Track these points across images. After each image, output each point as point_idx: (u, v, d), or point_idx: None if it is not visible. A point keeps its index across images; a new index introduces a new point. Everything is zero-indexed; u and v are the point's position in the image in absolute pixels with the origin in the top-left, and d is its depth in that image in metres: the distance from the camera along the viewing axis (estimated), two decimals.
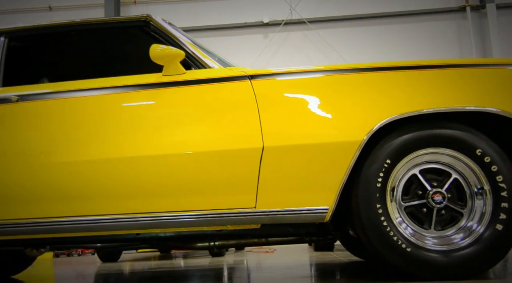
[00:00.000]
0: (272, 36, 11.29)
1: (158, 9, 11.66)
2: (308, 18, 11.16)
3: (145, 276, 3.42)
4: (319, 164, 2.14)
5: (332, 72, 2.25)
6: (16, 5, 11.89)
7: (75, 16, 11.40)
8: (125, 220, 2.26)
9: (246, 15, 11.37)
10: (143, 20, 2.60)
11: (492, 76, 2.20)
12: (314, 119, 2.17)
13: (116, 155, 2.24)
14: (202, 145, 2.20)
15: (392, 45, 10.99)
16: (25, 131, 2.32)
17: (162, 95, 2.31)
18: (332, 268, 3.27)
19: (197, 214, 2.21)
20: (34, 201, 2.29)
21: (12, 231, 2.32)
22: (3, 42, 2.61)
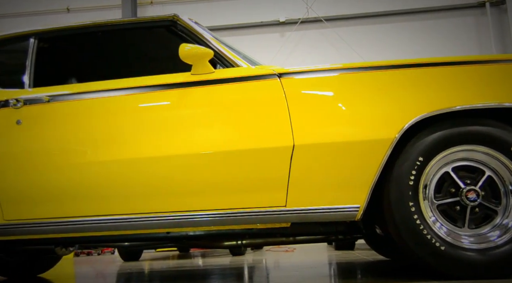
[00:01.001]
0: (289, 35, 11.26)
1: (174, 9, 11.69)
2: (324, 16, 11.11)
3: (171, 275, 3.44)
4: (351, 162, 2.13)
5: (363, 70, 2.23)
6: (34, 7, 12.02)
7: (92, 18, 11.53)
8: (156, 219, 2.27)
9: (262, 14, 11.35)
10: (170, 20, 2.61)
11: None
12: (345, 117, 2.15)
13: (146, 154, 2.26)
14: (232, 143, 2.20)
15: (410, 43, 10.88)
16: (56, 131, 2.35)
17: (191, 94, 2.32)
18: (358, 267, 3.25)
19: (227, 212, 2.22)
20: (64, 200, 2.32)
21: (42, 230, 2.35)
22: (33, 43, 2.64)
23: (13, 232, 2.35)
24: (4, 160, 2.33)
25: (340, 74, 2.25)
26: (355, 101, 2.17)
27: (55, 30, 2.67)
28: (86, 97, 2.39)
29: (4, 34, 2.70)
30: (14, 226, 2.34)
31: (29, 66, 2.57)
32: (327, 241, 2.69)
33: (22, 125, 2.36)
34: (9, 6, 12.05)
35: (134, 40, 2.88)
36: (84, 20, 2.71)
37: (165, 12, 11.69)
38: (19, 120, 2.37)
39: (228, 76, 2.32)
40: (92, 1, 11.96)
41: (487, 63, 2.20)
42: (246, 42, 11.20)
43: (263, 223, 2.25)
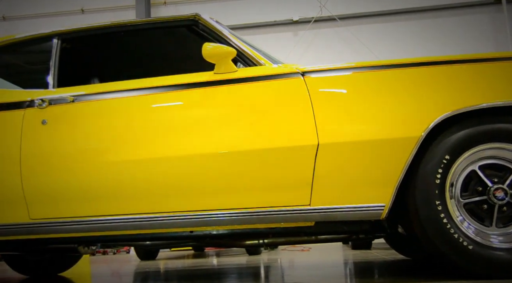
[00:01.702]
0: (302, 34, 11.25)
1: (187, 9, 11.73)
2: (338, 15, 11.07)
3: (191, 274, 3.45)
4: (376, 161, 2.12)
5: (387, 67, 2.22)
6: (49, 9, 12.15)
7: (107, 18, 11.61)
8: (179, 218, 2.28)
9: (275, 13, 11.35)
10: (192, 19, 2.62)
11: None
12: (370, 115, 2.14)
13: (169, 153, 2.26)
14: (257, 142, 2.20)
15: (424, 41, 10.80)
16: (80, 131, 2.36)
17: (214, 93, 2.32)
18: (379, 266, 3.24)
19: (252, 211, 2.21)
20: (88, 199, 2.33)
21: (66, 229, 2.36)
22: (56, 44, 2.66)
23: (39, 230, 2.38)
24: (30, 159, 2.35)
25: (364, 72, 2.23)
26: (380, 99, 2.16)
27: (78, 30, 2.69)
28: (110, 97, 2.40)
29: (27, 35, 2.72)
30: (40, 225, 2.36)
31: (53, 67, 2.59)
32: (349, 240, 2.68)
33: (47, 125, 2.38)
34: (25, 8, 12.19)
35: (155, 40, 2.89)
36: (106, 21, 2.72)
37: (179, 12, 11.74)
38: (45, 120, 2.39)
39: (252, 75, 2.32)
40: (106, 1, 12.06)
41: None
42: (259, 42, 11.16)
43: (287, 222, 2.24)
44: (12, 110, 2.44)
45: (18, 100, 2.48)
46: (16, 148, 2.36)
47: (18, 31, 10.33)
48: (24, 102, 2.47)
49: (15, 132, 2.38)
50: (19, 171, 2.34)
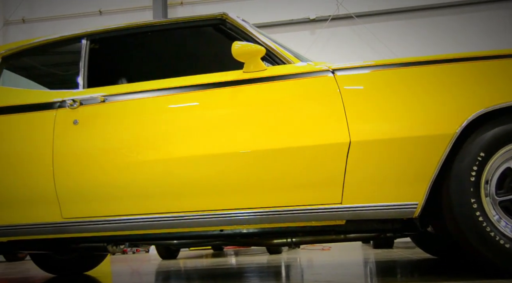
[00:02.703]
0: (319, 32, 11.21)
1: (204, 9, 11.77)
2: (355, 13, 11.01)
3: (215, 273, 3.46)
4: (409, 158, 2.09)
5: (419, 64, 2.19)
6: (68, 11, 12.28)
7: (124, 19, 11.70)
8: (209, 217, 2.28)
9: (292, 12, 11.32)
10: (219, 18, 2.62)
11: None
12: (403, 112, 2.12)
13: (200, 152, 2.27)
14: (287, 140, 2.19)
15: (443, 38, 10.69)
16: (111, 131, 2.38)
17: (244, 92, 2.32)
18: (407, 265, 3.21)
19: (282, 210, 2.21)
20: (119, 198, 2.35)
21: (98, 228, 2.38)
22: (85, 45, 2.68)
23: (71, 229, 2.40)
24: (62, 159, 2.37)
25: (396, 69, 2.21)
26: (412, 96, 2.13)
27: (106, 31, 2.71)
28: (139, 96, 2.42)
29: (57, 36, 2.75)
30: (72, 224, 2.39)
31: (83, 67, 2.62)
32: (377, 239, 2.66)
33: (79, 125, 2.40)
34: (43, 11, 12.34)
35: (182, 40, 2.90)
36: (131, 21, 2.74)
37: (195, 12, 11.78)
38: (76, 120, 2.41)
39: (282, 73, 2.31)
40: (124, 3, 12.15)
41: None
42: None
43: (319, 220, 2.23)
44: (44, 111, 2.47)
45: (50, 101, 2.50)
46: (49, 148, 2.39)
47: (37, 33, 10.46)
48: (56, 102, 2.49)
49: (47, 133, 2.41)
50: (52, 171, 2.37)
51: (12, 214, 2.40)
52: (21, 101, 2.53)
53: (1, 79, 2.73)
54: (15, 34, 12.34)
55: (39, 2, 12.44)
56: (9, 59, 2.78)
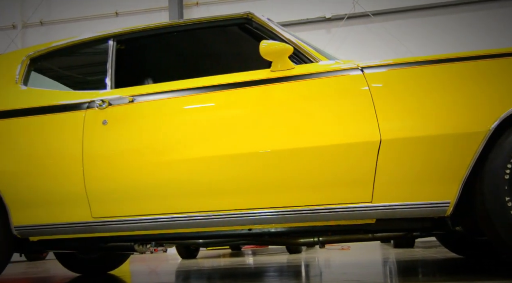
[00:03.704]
0: (335, 31, 11.16)
1: (219, 10, 11.79)
2: (372, 11, 10.94)
3: (239, 272, 3.46)
4: (441, 156, 2.07)
5: (450, 61, 2.16)
6: (84, 13, 12.40)
7: (141, 20, 11.77)
8: (238, 216, 2.28)
9: (308, 11, 11.29)
10: (245, 17, 2.62)
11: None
12: (434, 109, 2.09)
13: (229, 152, 2.27)
14: (317, 139, 2.18)
15: (461, 35, 10.56)
16: (140, 131, 2.39)
17: (272, 91, 2.31)
18: (434, 265, 3.17)
19: (311, 209, 2.20)
20: (148, 198, 2.36)
21: (127, 227, 2.39)
22: (112, 45, 2.70)
23: (100, 229, 2.42)
24: (92, 159, 2.39)
25: (426, 66, 2.19)
26: (444, 93, 2.11)
27: (132, 31, 2.73)
28: (168, 96, 2.43)
29: (84, 37, 2.77)
30: (101, 223, 2.40)
31: (110, 68, 2.63)
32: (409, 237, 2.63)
33: (108, 126, 2.42)
34: (61, 13, 12.47)
35: (207, 39, 2.90)
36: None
37: (210, 12, 11.82)
38: (105, 121, 2.43)
39: (310, 72, 2.30)
40: (140, 4, 12.23)
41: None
42: None
43: (348, 219, 2.22)
44: (73, 111, 2.49)
45: (79, 102, 2.52)
46: (78, 148, 2.41)
47: (54, 35, 10.53)
48: (84, 103, 2.51)
49: (77, 133, 2.43)
50: (82, 171, 2.39)
51: (43, 213, 2.43)
52: (50, 102, 2.56)
53: (29, 80, 2.75)
54: (33, 36, 12.50)
55: (56, 5, 12.57)
56: (37, 60, 2.82)
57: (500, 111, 2.02)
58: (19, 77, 2.72)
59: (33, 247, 2.63)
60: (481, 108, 2.05)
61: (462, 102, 2.08)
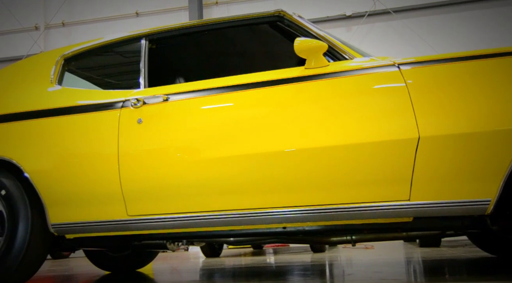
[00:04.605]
0: (356, 29, 11.07)
1: (239, 9, 11.80)
2: (393, 8, 10.83)
3: (268, 270, 3.45)
4: (481, 154, 2.03)
5: (488, 57, 2.13)
6: (105, 13, 12.51)
7: (161, 20, 11.83)
8: (273, 214, 2.27)
9: (328, 9, 11.23)
10: (277, 15, 2.62)
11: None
12: (474, 106, 2.06)
13: (263, 150, 2.26)
14: (353, 137, 2.16)
15: (484, 32, 10.38)
16: (175, 129, 2.40)
17: (307, 88, 2.30)
18: (467, 264, 3.13)
19: (347, 207, 2.18)
20: (182, 196, 2.36)
21: (162, 225, 2.40)
22: (144, 44, 2.72)
23: (136, 227, 2.43)
24: (127, 158, 2.41)
25: (464, 62, 2.15)
26: (483, 89, 2.07)
27: (164, 30, 2.75)
28: (201, 95, 2.43)
29: (116, 37, 2.79)
30: (137, 221, 2.42)
31: (143, 67, 2.65)
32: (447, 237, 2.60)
33: (143, 124, 2.43)
34: (82, 14, 12.61)
35: (238, 38, 2.90)
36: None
37: (230, 12, 11.84)
38: (140, 119, 2.44)
39: (346, 69, 2.28)
40: (159, 4, 12.30)
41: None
42: None
43: (385, 217, 2.19)
44: (108, 110, 2.51)
45: (113, 101, 2.54)
46: (114, 147, 2.43)
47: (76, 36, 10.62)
48: (119, 102, 2.53)
49: (112, 132, 2.45)
50: (117, 169, 2.40)
51: (79, 211, 2.45)
52: (85, 101, 2.58)
53: (64, 80, 2.79)
54: (55, 37, 12.67)
55: (78, 6, 12.72)
56: (70, 60, 2.85)
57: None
58: (54, 77, 2.75)
59: (68, 245, 2.66)
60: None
61: (503, 98, 2.04)
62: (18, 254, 2.44)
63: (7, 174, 2.56)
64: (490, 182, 2.03)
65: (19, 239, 2.46)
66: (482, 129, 2.03)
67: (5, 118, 2.62)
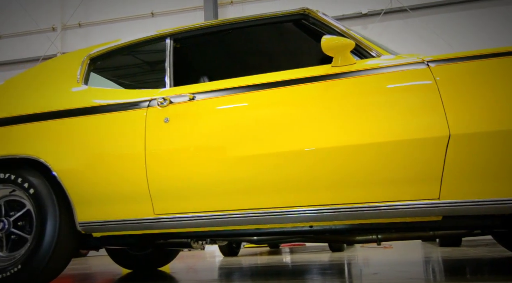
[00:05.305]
0: (372, 27, 11.00)
1: (254, 8, 11.79)
2: (409, 5, 10.73)
3: (299, 269, 3.45)
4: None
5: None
6: (120, 14, 12.59)
7: (176, 20, 11.87)
8: (300, 213, 2.26)
9: (343, 7, 11.17)
10: (302, 13, 2.61)
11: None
12: (504, 103, 2.03)
13: (291, 148, 2.25)
14: (383, 135, 2.14)
15: (505, 29, 10.24)
16: (202, 128, 2.40)
17: (335, 86, 2.29)
18: (495, 264, 3.09)
19: (376, 205, 2.16)
20: (209, 195, 2.36)
21: (188, 224, 2.40)
22: (169, 44, 2.73)
23: (162, 225, 2.44)
24: (154, 157, 2.41)
25: (495, 59, 2.12)
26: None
27: (188, 29, 2.75)
28: (228, 93, 2.43)
29: (141, 37, 2.80)
30: (163, 220, 2.42)
31: (168, 66, 2.66)
32: (474, 236, 2.57)
33: (170, 123, 2.44)
34: (98, 14, 12.71)
35: (263, 36, 2.90)
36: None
37: (245, 11, 11.83)
38: (167, 118, 2.45)
39: (373, 66, 2.27)
40: (175, 4, 12.34)
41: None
42: None
43: (414, 216, 2.17)
44: (135, 110, 2.52)
45: (140, 100, 2.55)
46: (141, 146, 2.44)
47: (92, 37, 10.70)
48: (145, 101, 2.54)
49: (139, 131, 2.46)
50: (144, 168, 2.41)
51: (107, 210, 2.47)
52: (112, 100, 2.60)
53: (89, 79, 2.81)
54: (72, 38, 12.79)
55: (94, 7, 12.82)
56: (96, 60, 2.87)
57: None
58: (80, 76, 2.77)
59: (95, 243, 2.68)
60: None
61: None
62: (47, 253, 2.46)
63: (35, 173, 2.58)
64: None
65: (47, 238, 2.48)
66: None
67: (33, 118, 2.64)
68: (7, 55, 12.95)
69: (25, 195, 2.59)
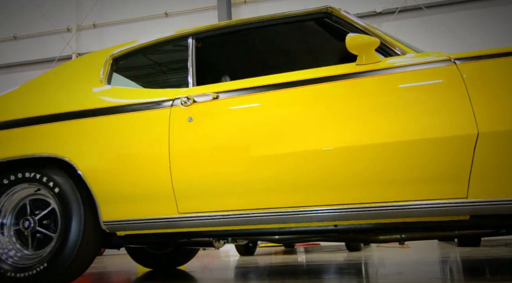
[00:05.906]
0: (386, 25, 10.92)
1: (268, 8, 11.78)
2: (424, 4, 10.64)
3: (320, 268, 3.43)
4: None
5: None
6: (135, 14, 12.65)
7: (190, 20, 11.90)
8: (324, 212, 2.25)
9: (358, 6, 11.10)
10: (324, 12, 2.60)
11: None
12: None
13: (315, 147, 2.24)
14: (407, 133, 2.12)
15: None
16: (226, 127, 2.40)
17: (360, 85, 2.27)
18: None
19: (404, 204, 2.14)
20: (233, 194, 2.35)
21: (212, 223, 2.39)
22: (192, 43, 2.73)
23: (186, 224, 2.44)
24: (179, 156, 2.42)
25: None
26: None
27: (210, 29, 2.75)
28: (251, 92, 2.42)
29: (163, 36, 2.81)
30: (187, 218, 2.42)
31: (191, 65, 2.66)
32: (499, 235, 2.54)
33: (193, 122, 2.44)
34: (112, 15, 12.79)
35: (284, 35, 2.89)
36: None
37: (259, 11, 11.82)
38: (191, 117, 2.45)
39: (399, 65, 2.24)
40: (188, 4, 12.37)
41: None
42: None
43: (442, 215, 2.15)
44: (159, 109, 2.53)
45: (163, 99, 2.56)
46: (165, 145, 2.44)
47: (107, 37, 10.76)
48: (169, 100, 2.55)
49: (163, 130, 2.46)
50: (169, 167, 2.42)
51: (131, 209, 2.48)
52: (135, 100, 2.61)
53: (112, 79, 2.82)
54: (86, 38, 12.88)
55: (108, 8, 12.91)
56: (119, 60, 2.88)
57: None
58: (103, 76, 2.79)
59: (119, 241, 2.70)
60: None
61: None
62: (72, 251, 2.47)
63: (59, 172, 2.60)
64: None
65: (72, 236, 2.49)
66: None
67: (58, 117, 2.66)
68: (22, 56, 13.09)
69: (50, 194, 2.61)
